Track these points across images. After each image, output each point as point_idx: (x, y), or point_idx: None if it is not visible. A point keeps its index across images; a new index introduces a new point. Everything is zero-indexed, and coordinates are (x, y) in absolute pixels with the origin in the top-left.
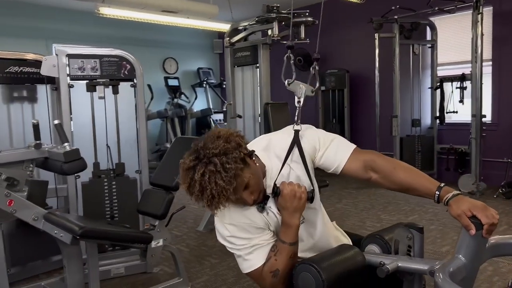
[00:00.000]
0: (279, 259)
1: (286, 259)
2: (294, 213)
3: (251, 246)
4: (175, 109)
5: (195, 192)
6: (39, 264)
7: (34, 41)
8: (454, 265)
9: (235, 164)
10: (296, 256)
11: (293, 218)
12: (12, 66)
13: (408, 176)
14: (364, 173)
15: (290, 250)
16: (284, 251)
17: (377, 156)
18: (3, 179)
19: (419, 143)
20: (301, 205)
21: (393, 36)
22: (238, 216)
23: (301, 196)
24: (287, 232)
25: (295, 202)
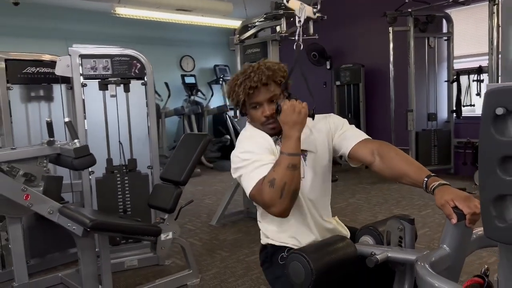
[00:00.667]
0: (276, 169)
1: (284, 168)
2: (294, 125)
3: (258, 160)
4: (191, 106)
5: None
6: (57, 256)
7: (55, 41)
8: (437, 255)
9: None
10: (295, 168)
11: (292, 130)
12: (29, 67)
13: (406, 164)
14: (370, 157)
15: (288, 160)
16: (282, 161)
17: (385, 143)
18: (21, 175)
19: (435, 137)
20: (300, 118)
21: (408, 29)
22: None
23: (301, 110)
24: (287, 143)
25: (294, 115)
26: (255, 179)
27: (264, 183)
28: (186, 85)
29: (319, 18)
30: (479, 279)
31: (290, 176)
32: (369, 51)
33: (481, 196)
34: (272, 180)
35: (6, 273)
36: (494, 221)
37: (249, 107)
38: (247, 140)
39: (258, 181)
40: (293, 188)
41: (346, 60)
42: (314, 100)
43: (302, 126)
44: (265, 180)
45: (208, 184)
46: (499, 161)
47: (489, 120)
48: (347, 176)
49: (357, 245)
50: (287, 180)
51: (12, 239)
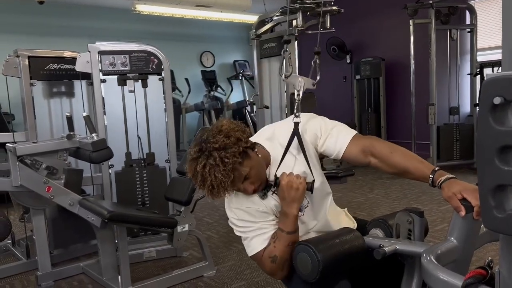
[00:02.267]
0: (277, 246)
1: (284, 246)
2: (291, 203)
3: (255, 229)
4: (211, 101)
5: (198, 181)
6: (80, 247)
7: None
8: (443, 247)
9: (233, 159)
10: (294, 243)
11: (291, 208)
12: (51, 64)
13: (405, 160)
14: (364, 158)
15: (288, 239)
16: (282, 239)
17: (376, 141)
18: (43, 168)
19: (457, 131)
20: (298, 195)
21: (429, 21)
22: (244, 201)
23: (298, 187)
24: (285, 221)
25: (292, 192)
26: (256, 248)
27: (265, 257)
28: (206, 81)
29: (336, 11)
30: (482, 271)
31: (290, 252)
32: (389, 45)
33: (480, 187)
34: (273, 257)
35: (30, 262)
36: (493, 212)
37: None
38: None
39: (259, 252)
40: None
41: (366, 54)
42: (333, 95)
43: (300, 202)
44: (265, 253)
45: None
46: (497, 151)
47: (487, 109)
48: (366, 170)
49: (366, 238)
50: (288, 256)
51: (36, 230)
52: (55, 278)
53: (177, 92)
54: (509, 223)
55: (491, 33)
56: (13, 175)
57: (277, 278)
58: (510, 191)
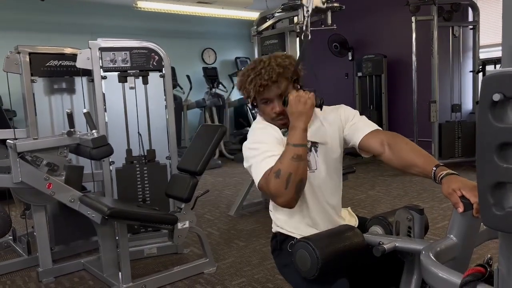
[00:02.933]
0: (282, 160)
1: (288, 159)
2: (299, 116)
3: (266, 150)
4: (213, 98)
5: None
6: (81, 244)
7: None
8: (443, 245)
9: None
10: (300, 159)
11: (298, 121)
12: (52, 60)
13: (415, 154)
14: (380, 147)
15: (293, 150)
16: (287, 152)
17: (396, 135)
18: (44, 164)
19: (459, 129)
20: (306, 109)
21: (431, 18)
22: (268, 128)
23: (306, 101)
24: (292, 134)
25: (300, 106)
26: (264, 169)
27: (270, 174)
28: (207, 78)
29: (337, 8)
30: (481, 269)
31: (295, 167)
32: (391, 42)
33: (479, 184)
34: (277, 171)
35: (32, 258)
36: (492, 209)
37: (259, 103)
38: (258, 131)
39: (266, 172)
40: (298, 179)
41: (368, 51)
42: (335, 92)
43: (308, 117)
44: (271, 171)
45: (228, 176)
46: (497, 148)
47: (486, 106)
48: (367, 168)
49: (366, 235)
50: (292, 170)
51: (37, 226)
52: (56, 274)
53: (179, 89)
54: (508, 220)
55: (493, 30)
56: (14, 171)
57: (282, 201)
58: (509, 188)
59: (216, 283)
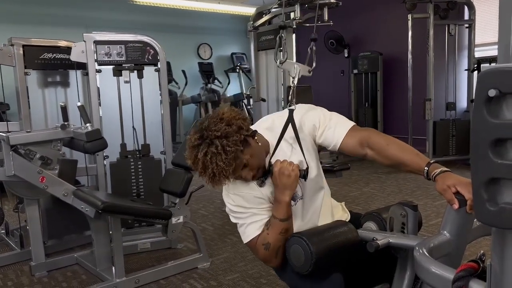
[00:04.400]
0: (270, 233)
1: (277, 233)
2: (284, 190)
3: (251, 215)
4: (208, 94)
5: (198, 169)
6: (74, 238)
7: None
8: (436, 241)
9: (235, 147)
10: (287, 231)
11: (283, 195)
12: (46, 53)
13: (400, 152)
14: (361, 149)
15: (280, 226)
16: (275, 226)
17: (373, 133)
18: (37, 158)
19: (453, 127)
20: (290, 182)
21: (427, 16)
22: (242, 187)
23: (290, 173)
24: (278, 208)
25: (284, 179)
26: (250, 235)
27: (259, 244)
28: (203, 73)
29: (334, 4)
30: (473, 264)
31: (283, 240)
32: (387, 39)
33: (473, 180)
34: (266, 244)
35: (24, 252)
36: (486, 205)
37: None
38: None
39: (253, 239)
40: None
41: (364, 48)
42: (330, 89)
43: (292, 190)
44: (259, 240)
45: None
46: (491, 144)
47: (481, 102)
48: (362, 165)
49: (360, 231)
50: (281, 243)
51: (30, 220)
52: (49, 268)
53: (174, 84)
54: (501, 216)
55: (489, 28)
56: (7, 164)
57: (271, 265)
58: (503, 184)
59: (209, 278)
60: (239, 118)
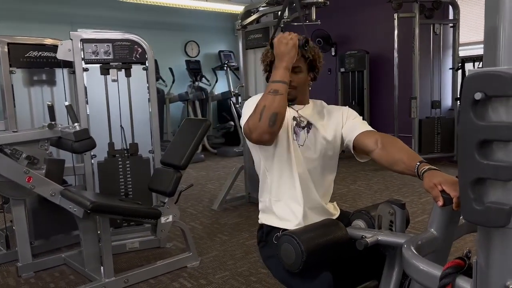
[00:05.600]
0: (261, 97)
1: (265, 94)
2: (282, 57)
3: None
4: (196, 92)
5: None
6: (61, 238)
7: (60, 26)
8: (423, 238)
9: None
10: (277, 92)
11: (280, 61)
12: (32, 51)
13: (401, 152)
14: (373, 145)
15: (270, 86)
16: (266, 89)
17: (389, 136)
18: (23, 158)
19: (438, 125)
20: (288, 49)
21: (413, 16)
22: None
23: (288, 42)
24: (274, 72)
25: (282, 46)
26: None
27: (250, 114)
28: (190, 71)
29: (322, 3)
30: (460, 261)
31: (270, 100)
32: (374, 38)
33: (460, 180)
34: (255, 108)
35: (11, 253)
36: (472, 204)
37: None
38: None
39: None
40: (272, 111)
41: (351, 47)
42: (318, 88)
43: (290, 57)
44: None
45: (211, 170)
46: (477, 145)
47: (468, 105)
48: (349, 163)
49: (349, 229)
50: (267, 103)
51: (16, 221)
52: (36, 269)
53: (161, 82)
54: (487, 215)
55: (473, 28)
56: None
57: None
58: (489, 184)
59: (199, 277)
60: None
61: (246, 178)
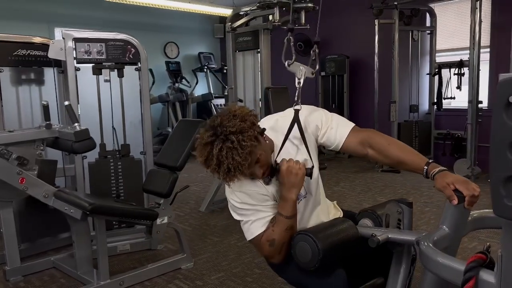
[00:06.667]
0: (275, 230)
1: (282, 230)
2: (291, 188)
3: (256, 212)
4: (176, 93)
5: (212, 165)
6: (48, 241)
7: (37, 24)
8: (438, 235)
9: (250, 142)
10: (292, 229)
11: (290, 193)
12: (20, 49)
13: (401, 152)
14: (362, 149)
15: (286, 223)
16: (281, 223)
17: (373, 133)
18: (13, 158)
19: (416, 128)
20: (297, 181)
21: (393, 22)
22: (247, 184)
23: (297, 172)
24: (284, 206)
25: (291, 178)
26: (255, 232)
27: (263, 241)
28: (170, 72)
29: (311, 8)
30: (482, 255)
31: (288, 237)
32: (354, 43)
33: (492, 177)
34: (272, 240)
35: None
36: (503, 200)
37: None
38: (240, 193)
39: (258, 236)
40: (289, 243)
41: (331, 51)
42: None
43: (299, 188)
44: (264, 237)
45: (194, 172)
46: (509, 145)
47: (501, 107)
48: (331, 164)
49: (358, 227)
50: (286, 240)
51: (4, 223)
52: (24, 273)
53: None
54: None
55: (449, 35)
56: None
57: (274, 262)
58: None
59: (195, 278)
60: (251, 115)
61: None
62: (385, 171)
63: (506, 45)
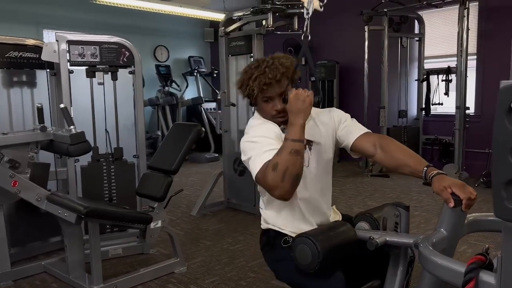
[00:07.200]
0: (280, 154)
1: (287, 153)
2: (298, 113)
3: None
4: (166, 97)
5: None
6: (38, 245)
7: (25, 26)
8: (436, 237)
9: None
10: (298, 153)
11: (297, 118)
12: (12, 51)
13: (405, 155)
14: (372, 149)
15: (291, 145)
16: (286, 147)
17: (386, 137)
18: (5, 161)
19: (405, 133)
20: (304, 106)
21: (382, 28)
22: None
23: (305, 99)
24: (291, 130)
25: (299, 103)
26: (262, 162)
27: (268, 167)
28: (160, 76)
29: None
30: (482, 257)
31: (293, 161)
32: (344, 49)
33: (494, 180)
34: (275, 164)
35: None
36: (504, 203)
37: (260, 100)
38: (257, 126)
39: (264, 165)
40: (295, 173)
41: (321, 56)
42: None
43: (306, 114)
44: (269, 164)
45: (184, 176)
46: (511, 149)
47: (503, 113)
48: None
49: (356, 230)
50: (290, 164)
51: None
52: (14, 278)
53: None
54: None
55: (437, 42)
56: None
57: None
58: None
59: (189, 282)
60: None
61: (225, 184)
62: (375, 175)
63: (493, 52)
